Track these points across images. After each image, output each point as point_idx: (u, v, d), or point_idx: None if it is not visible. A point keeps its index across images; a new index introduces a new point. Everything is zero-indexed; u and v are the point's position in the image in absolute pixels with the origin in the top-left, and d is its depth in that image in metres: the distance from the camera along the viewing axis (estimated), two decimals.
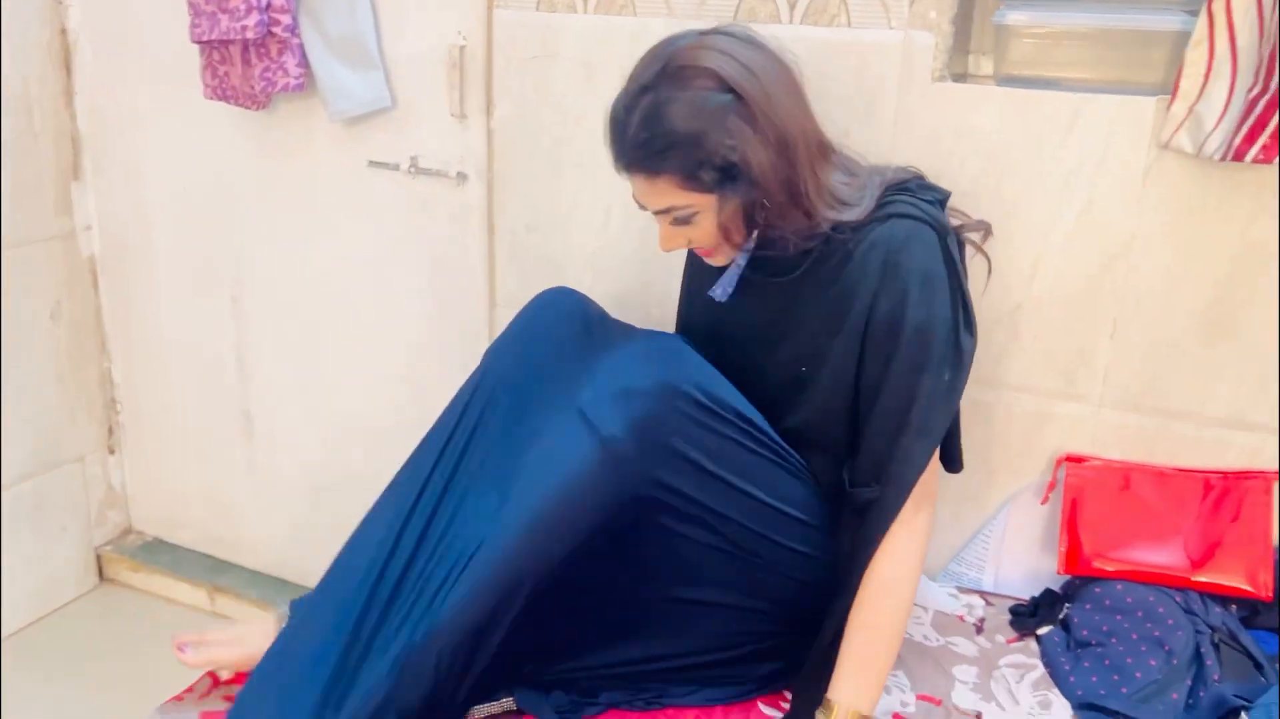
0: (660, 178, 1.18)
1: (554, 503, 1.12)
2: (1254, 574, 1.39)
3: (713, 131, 1.14)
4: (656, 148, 1.17)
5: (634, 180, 1.23)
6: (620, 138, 1.21)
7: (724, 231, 1.22)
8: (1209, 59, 1.30)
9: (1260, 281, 1.37)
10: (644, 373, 1.15)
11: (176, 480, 2.41)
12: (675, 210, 1.21)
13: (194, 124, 2.05)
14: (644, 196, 1.23)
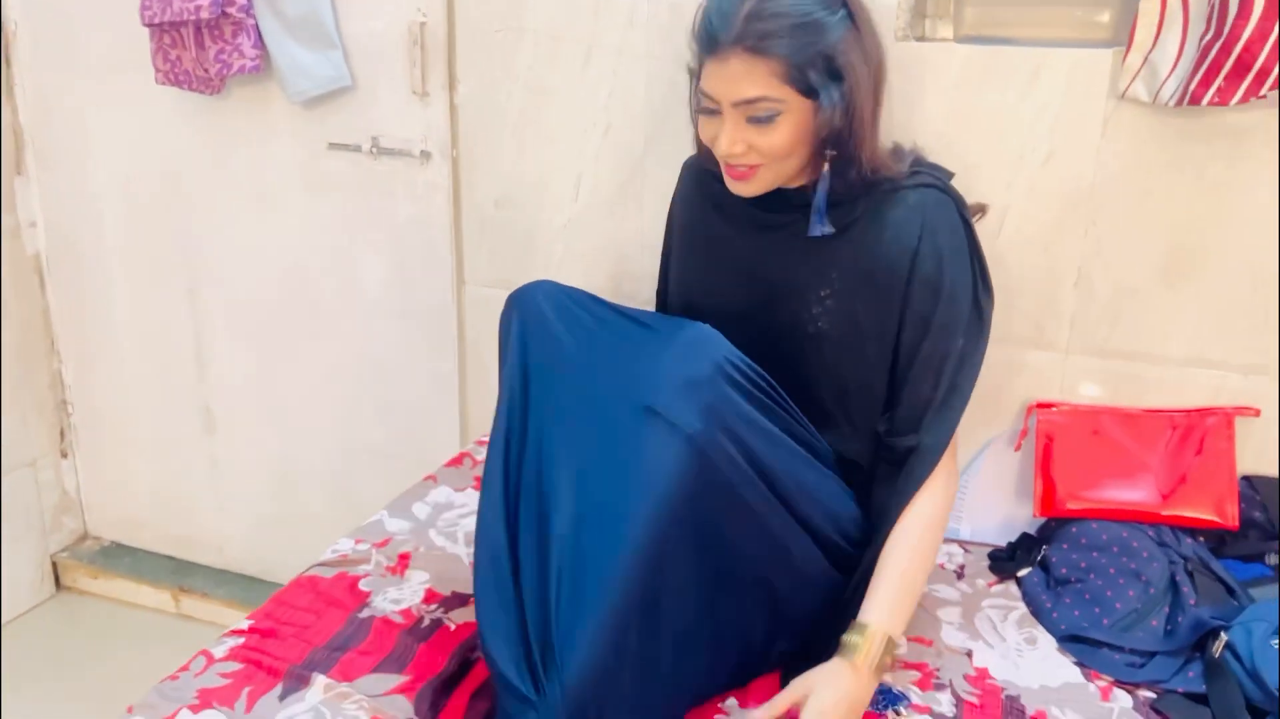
0: (765, 61, 1.13)
1: (664, 513, 1.05)
2: (1220, 505, 1.44)
3: (827, 30, 1.14)
4: (770, 27, 1.12)
5: (728, 63, 1.14)
6: (728, 11, 1.13)
7: (791, 148, 1.19)
8: (1161, 9, 1.35)
9: (1216, 223, 1.43)
10: (697, 360, 1.11)
11: (134, 481, 2.36)
12: (764, 103, 1.15)
13: (143, 112, 2.01)
14: (732, 82, 1.15)
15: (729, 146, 1.19)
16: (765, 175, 1.23)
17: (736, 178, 1.24)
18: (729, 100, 1.17)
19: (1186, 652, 1.28)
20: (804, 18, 1.13)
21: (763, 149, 1.19)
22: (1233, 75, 1.29)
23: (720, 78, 1.16)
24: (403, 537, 1.54)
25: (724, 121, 1.19)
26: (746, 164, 1.21)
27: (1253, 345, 1.46)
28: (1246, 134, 1.38)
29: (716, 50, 1.15)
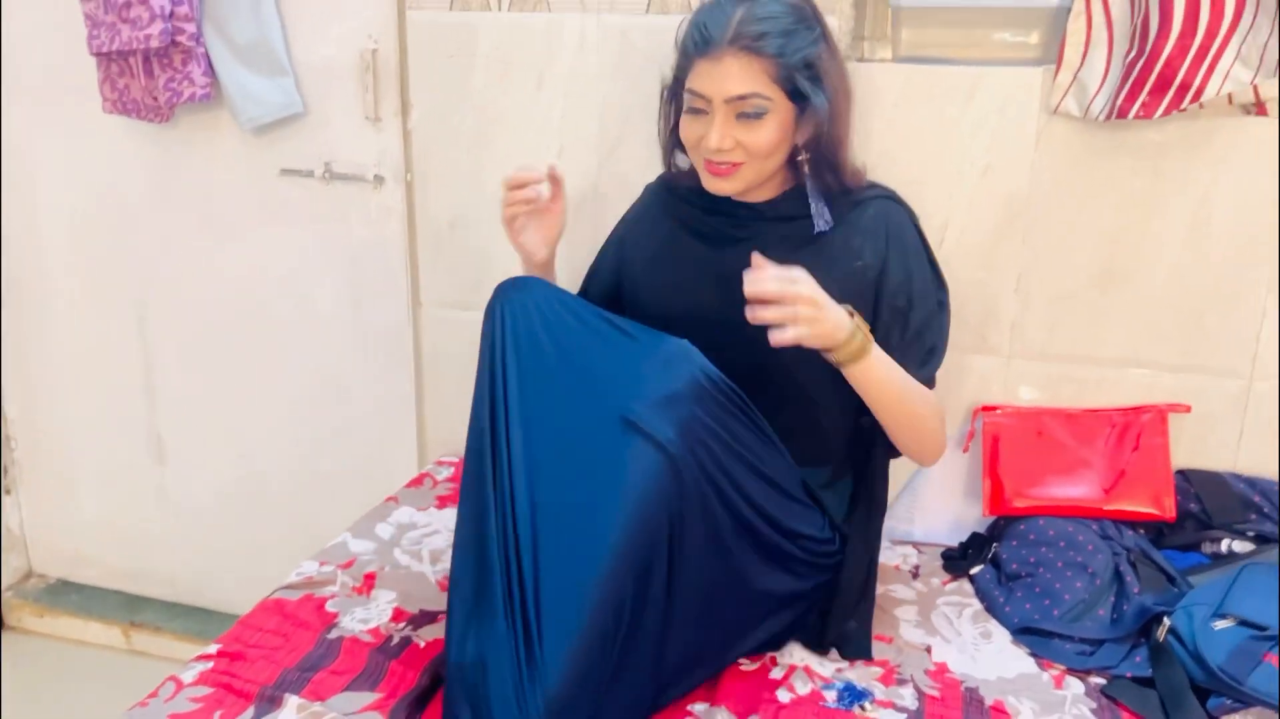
0: (758, 59, 1.22)
1: (642, 521, 1.09)
2: (1158, 498, 1.52)
3: (812, 40, 1.25)
4: (764, 29, 1.22)
5: (722, 61, 1.23)
6: (720, 15, 1.24)
7: (774, 147, 1.27)
8: (1087, 29, 1.43)
9: (1142, 231, 1.51)
10: (675, 375, 1.15)
11: (80, 516, 2.32)
12: (755, 99, 1.23)
13: (89, 140, 2.00)
14: (725, 79, 1.23)
15: (719, 141, 1.25)
16: (745, 173, 1.29)
17: (718, 174, 1.30)
18: (722, 96, 1.24)
19: (1133, 638, 1.34)
20: (790, 24, 1.24)
21: (749, 145, 1.26)
22: (1156, 90, 1.37)
23: (713, 76, 1.24)
24: (367, 557, 1.54)
25: (713, 118, 1.26)
26: (730, 161, 1.28)
27: (1181, 346, 1.54)
28: (1167, 148, 1.47)
29: (710, 51, 1.24)
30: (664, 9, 1.60)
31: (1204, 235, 1.49)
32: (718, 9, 1.27)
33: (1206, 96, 1.35)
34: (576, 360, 1.20)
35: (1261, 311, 1.49)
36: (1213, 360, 1.53)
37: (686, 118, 1.31)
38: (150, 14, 1.72)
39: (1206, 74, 1.34)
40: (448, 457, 1.91)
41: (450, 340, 1.88)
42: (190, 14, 1.75)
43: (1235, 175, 1.46)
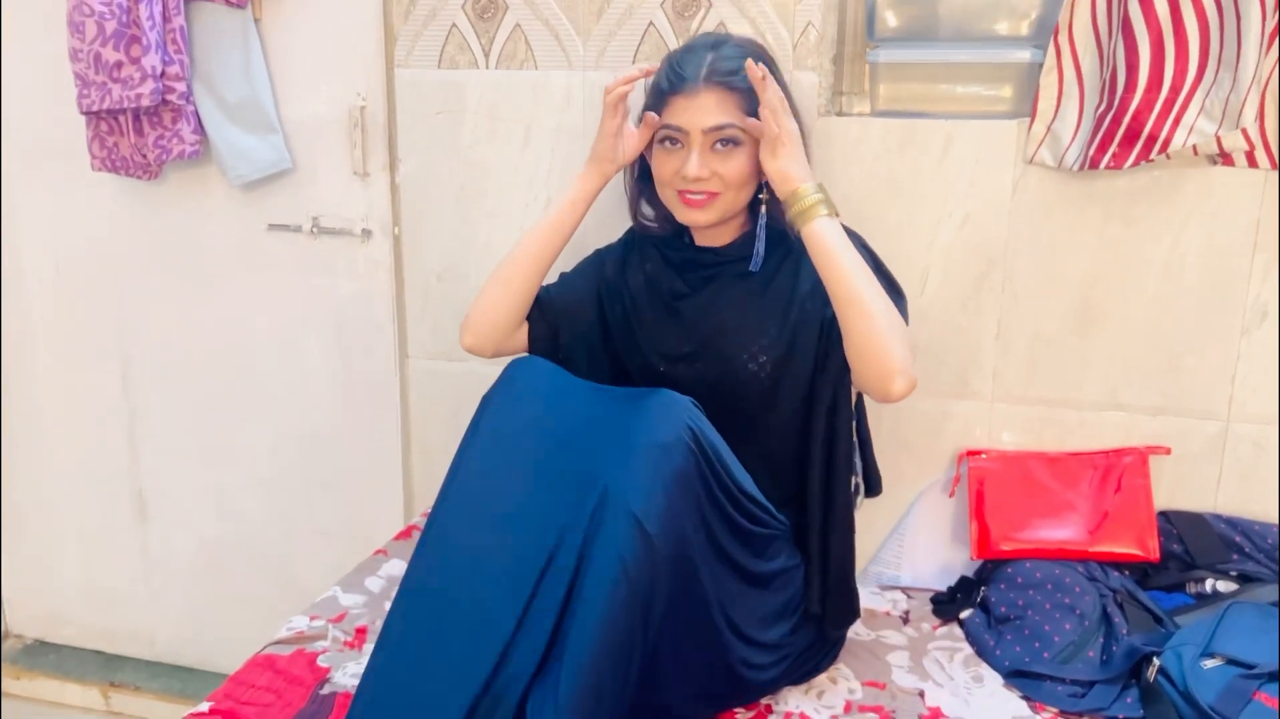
0: (731, 94, 1.31)
1: (622, 612, 1.11)
2: (1142, 539, 1.54)
3: (776, 80, 1.31)
4: (734, 67, 1.31)
5: (698, 96, 1.31)
6: (696, 59, 1.33)
7: (745, 178, 1.34)
8: (1059, 83, 1.48)
9: (1117, 276, 1.55)
10: (664, 429, 1.17)
11: (59, 574, 2.29)
12: (729, 129, 1.31)
13: (76, 196, 2.01)
14: (703, 112, 1.31)
15: (698, 170, 1.32)
16: (720, 204, 1.35)
17: (693, 205, 1.36)
18: (700, 128, 1.32)
19: (1123, 679, 1.35)
20: (756, 57, 1.33)
21: (725, 174, 1.33)
22: (1125, 142, 1.41)
23: (691, 110, 1.32)
24: (358, 610, 1.53)
25: (690, 149, 1.33)
26: (706, 191, 1.34)
27: (1159, 388, 1.57)
28: (1138, 196, 1.51)
29: (686, 88, 1.32)
30: None
31: (1177, 281, 1.53)
32: (689, 53, 1.36)
33: (1173, 148, 1.40)
34: (563, 426, 1.23)
35: (1236, 354, 1.53)
36: (1190, 403, 1.56)
37: (660, 154, 1.38)
38: (141, 73, 1.74)
39: (1173, 127, 1.39)
40: None
41: (437, 392, 1.89)
42: (181, 73, 1.78)
43: (1205, 222, 1.50)
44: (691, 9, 1.61)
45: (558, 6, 1.66)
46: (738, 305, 1.39)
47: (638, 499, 1.12)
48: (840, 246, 1.27)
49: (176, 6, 1.76)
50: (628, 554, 1.10)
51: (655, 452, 1.15)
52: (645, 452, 1.15)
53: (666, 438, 1.16)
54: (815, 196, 1.28)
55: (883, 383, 1.25)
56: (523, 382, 1.28)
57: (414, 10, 1.72)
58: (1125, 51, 1.39)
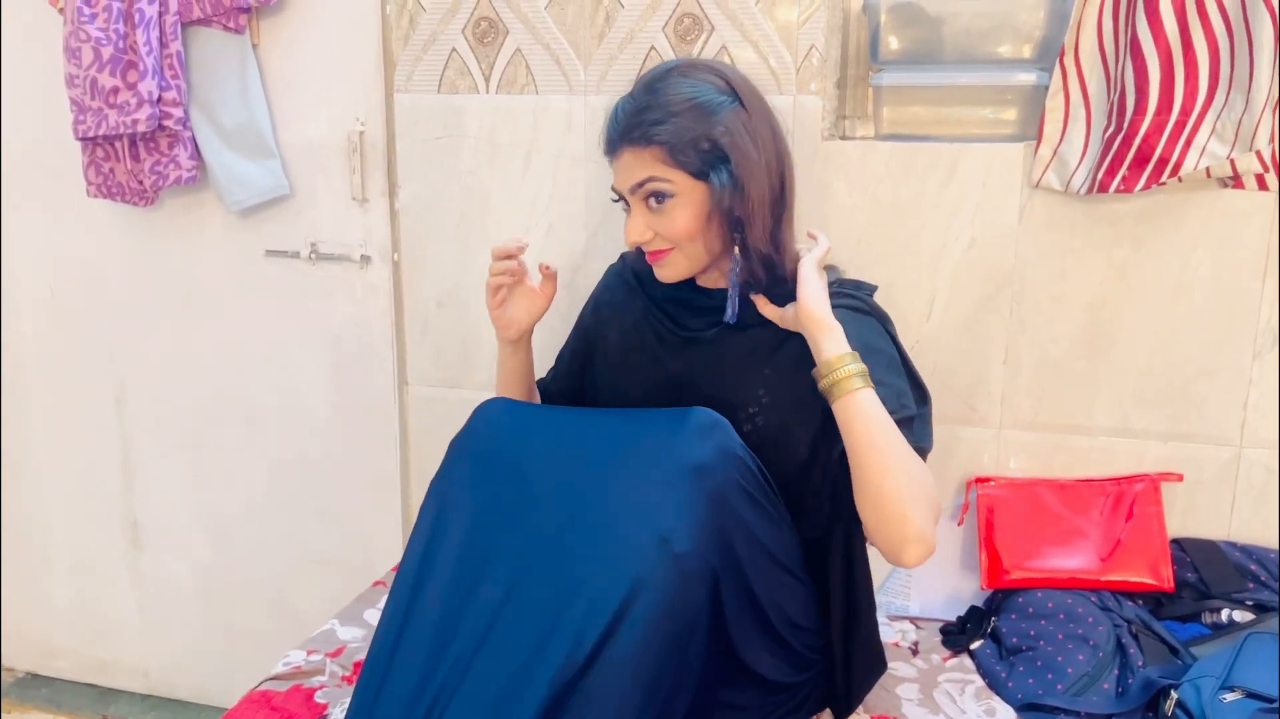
0: (649, 149, 1.19)
1: (660, 639, 1.04)
2: (1155, 568, 1.51)
3: (710, 115, 1.19)
4: (651, 118, 1.19)
5: (620, 159, 1.23)
6: (615, 115, 1.23)
7: (693, 230, 1.21)
8: (1065, 106, 1.46)
9: (1126, 300, 1.53)
10: (701, 447, 1.10)
11: (52, 606, 2.25)
12: (651, 183, 1.20)
13: (71, 222, 1.99)
14: (626, 172, 1.22)
15: (636, 234, 1.24)
16: (675, 259, 1.25)
17: (653, 260, 1.27)
18: (626, 188, 1.24)
19: (1139, 712, 1.32)
20: (684, 104, 1.19)
21: (665, 232, 1.22)
22: (1135, 165, 1.40)
23: (618, 171, 1.25)
24: (356, 644, 1.50)
25: (631, 209, 1.25)
26: (657, 249, 1.25)
27: (1170, 414, 1.55)
28: (1146, 219, 1.50)
29: (612, 150, 1.24)
30: None
31: (1187, 305, 1.51)
32: (617, 107, 1.24)
33: (1184, 171, 1.38)
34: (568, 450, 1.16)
35: (1248, 379, 1.51)
36: (1202, 428, 1.54)
37: (625, 216, 1.28)
38: (138, 99, 1.72)
39: (1184, 149, 1.37)
40: None
41: (436, 419, 1.86)
42: (178, 99, 1.76)
43: (1214, 246, 1.48)
44: (694, 33, 1.59)
45: (558, 30, 1.65)
46: (728, 356, 1.29)
47: (665, 520, 1.05)
48: (876, 420, 1.14)
49: (174, 32, 1.74)
50: (651, 579, 1.03)
51: (689, 473, 1.08)
52: (679, 472, 1.08)
53: (703, 458, 1.09)
54: (850, 368, 1.15)
55: (896, 549, 1.13)
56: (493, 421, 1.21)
57: (413, 34, 1.71)
58: (1134, 74, 1.38)
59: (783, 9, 1.56)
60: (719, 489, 1.09)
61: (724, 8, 1.57)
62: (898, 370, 1.26)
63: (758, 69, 1.58)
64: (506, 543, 1.11)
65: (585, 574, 1.06)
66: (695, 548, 1.06)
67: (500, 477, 1.15)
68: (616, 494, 1.09)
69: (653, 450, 1.11)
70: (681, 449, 1.10)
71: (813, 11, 1.55)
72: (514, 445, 1.17)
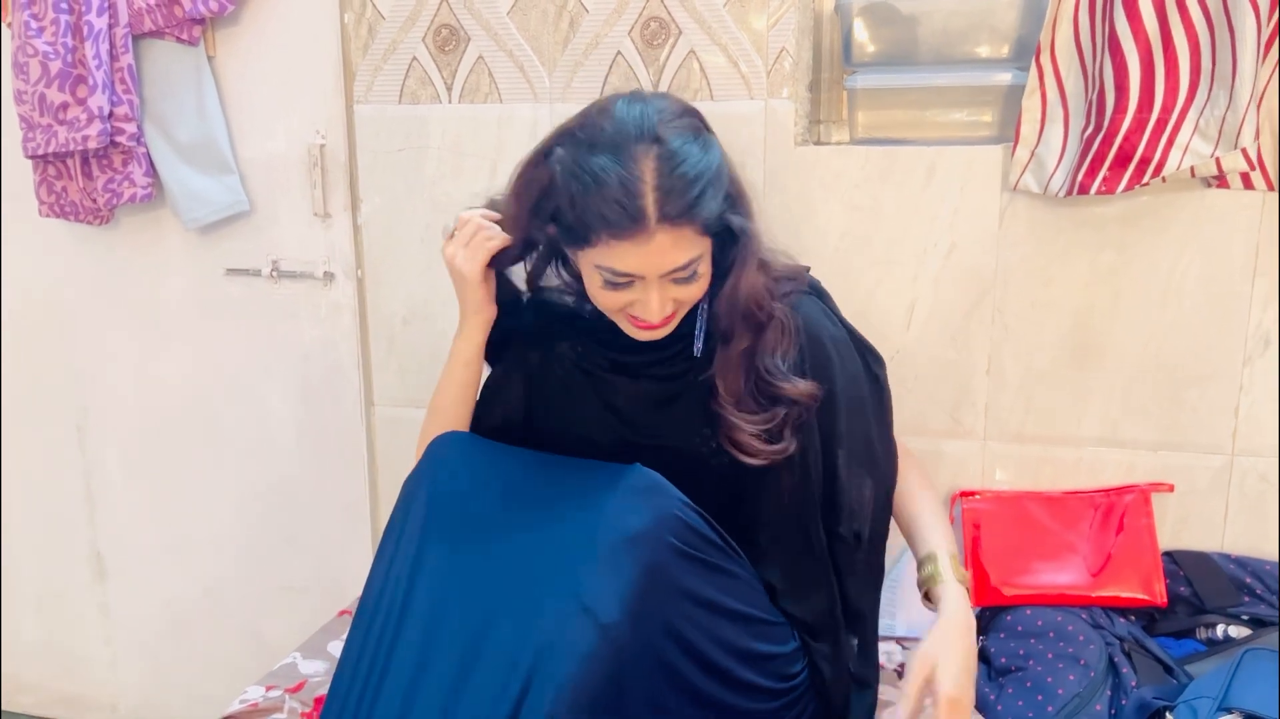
0: (689, 226, 1.05)
1: (586, 701, 1.00)
2: (1148, 582, 1.45)
3: (722, 169, 1.09)
4: (689, 196, 1.04)
5: (653, 240, 1.04)
6: (637, 190, 1.03)
7: (705, 287, 1.13)
8: (1043, 105, 1.42)
9: (1113, 306, 1.48)
10: (635, 515, 1.05)
11: (15, 638, 2.18)
12: (694, 264, 1.08)
13: (24, 242, 1.93)
14: (660, 255, 1.06)
15: (661, 312, 1.10)
16: (675, 319, 1.16)
17: (650, 328, 1.14)
18: (658, 273, 1.08)
19: None
20: (705, 171, 1.06)
21: (688, 299, 1.13)
22: (1116, 165, 1.35)
23: (643, 255, 1.06)
24: (318, 679, 1.44)
25: (648, 289, 1.09)
26: (664, 318, 1.13)
27: (1160, 423, 1.50)
28: (1131, 222, 1.45)
29: (633, 234, 1.04)
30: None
31: (1175, 309, 1.46)
32: (625, 186, 1.03)
33: (1168, 171, 1.33)
34: (514, 512, 1.11)
35: (1238, 385, 1.46)
36: (1193, 437, 1.49)
37: (603, 290, 1.11)
38: (88, 115, 1.66)
39: (1166, 148, 1.32)
40: None
41: (404, 441, 1.79)
42: (130, 114, 1.70)
43: (1202, 248, 1.44)
44: (660, 37, 1.54)
45: (521, 37, 1.59)
46: (677, 386, 1.22)
47: (592, 589, 1.01)
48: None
49: (125, 45, 1.69)
50: (563, 644, 1.00)
51: (621, 544, 1.04)
52: (610, 545, 1.04)
53: (636, 528, 1.04)
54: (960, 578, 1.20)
55: None
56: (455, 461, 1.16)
57: (372, 43, 1.65)
58: (1114, 71, 1.33)
59: (752, 11, 1.51)
60: (653, 558, 1.04)
61: (691, 11, 1.52)
62: (852, 356, 1.24)
63: (727, 73, 1.53)
64: (448, 594, 1.08)
65: (503, 636, 1.04)
66: (623, 618, 1.01)
67: (453, 525, 1.11)
68: (548, 559, 1.06)
69: (588, 518, 1.07)
70: (615, 517, 1.05)
71: (782, 14, 1.50)
72: (468, 492, 1.13)
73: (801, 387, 1.15)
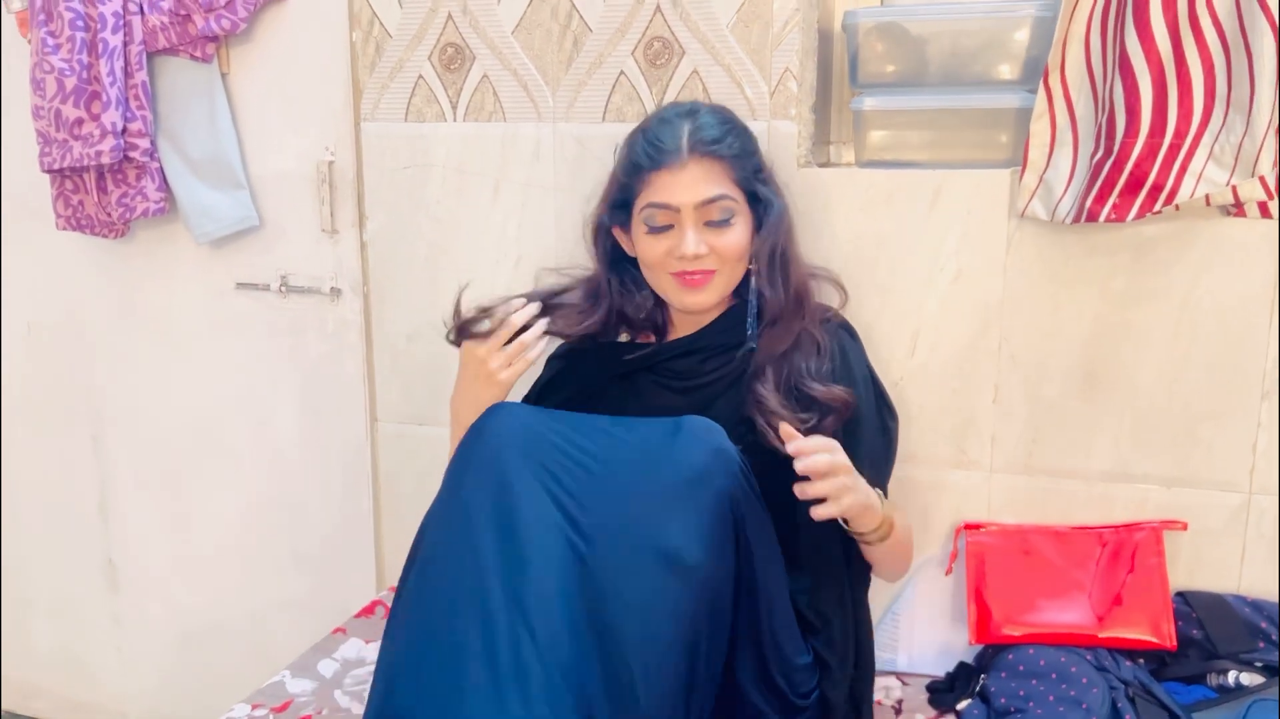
0: (719, 163, 1.26)
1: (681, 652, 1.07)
2: (1157, 625, 1.40)
3: (757, 146, 1.32)
4: (717, 134, 1.26)
5: (686, 169, 1.25)
6: (675, 130, 1.26)
7: (742, 252, 1.28)
8: (1051, 130, 1.37)
9: (1125, 336, 1.43)
10: (698, 452, 1.12)
11: (32, 647, 2.21)
12: (723, 200, 1.25)
13: (43, 256, 1.96)
14: (693, 186, 1.24)
15: (695, 247, 1.25)
16: (718, 282, 1.29)
17: (694, 285, 1.28)
18: (692, 203, 1.25)
19: None
20: (740, 130, 1.30)
21: (722, 250, 1.26)
22: (1126, 192, 1.30)
23: (679, 184, 1.25)
24: (305, 698, 1.43)
25: (684, 227, 1.26)
26: (704, 269, 1.27)
27: (1173, 458, 1.44)
28: (1144, 250, 1.40)
29: (669, 163, 1.25)
30: (620, 117, 1.56)
31: (1190, 341, 1.41)
32: (664, 125, 1.29)
33: (1180, 198, 1.28)
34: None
35: (1256, 421, 1.40)
36: (1208, 473, 1.43)
37: (648, 239, 1.29)
38: (101, 130, 1.69)
39: (1179, 175, 1.27)
40: None
41: (407, 458, 1.79)
42: (144, 129, 1.72)
43: (1218, 278, 1.38)
44: (664, 57, 1.53)
45: (525, 56, 1.59)
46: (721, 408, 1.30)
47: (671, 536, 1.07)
48: (896, 541, 1.27)
49: (139, 61, 1.71)
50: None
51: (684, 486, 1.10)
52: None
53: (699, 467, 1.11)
54: (885, 525, 1.25)
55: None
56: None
57: (379, 62, 1.66)
58: (1125, 93, 1.28)
59: (755, 31, 1.48)
60: (723, 490, 1.10)
61: (695, 30, 1.50)
62: (883, 402, 1.36)
63: (730, 94, 1.50)
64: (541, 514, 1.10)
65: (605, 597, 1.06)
66: (706, 558, 1.08)
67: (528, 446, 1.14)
68: (623, 511, 1.10)
69: (655, 462, 1.12)
70: (680, 457, 1.11)
71: (786, 34, 1.47)
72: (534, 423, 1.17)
73: (836, 391, 1.26)
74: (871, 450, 1.30)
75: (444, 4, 1.60)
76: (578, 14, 1.55)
